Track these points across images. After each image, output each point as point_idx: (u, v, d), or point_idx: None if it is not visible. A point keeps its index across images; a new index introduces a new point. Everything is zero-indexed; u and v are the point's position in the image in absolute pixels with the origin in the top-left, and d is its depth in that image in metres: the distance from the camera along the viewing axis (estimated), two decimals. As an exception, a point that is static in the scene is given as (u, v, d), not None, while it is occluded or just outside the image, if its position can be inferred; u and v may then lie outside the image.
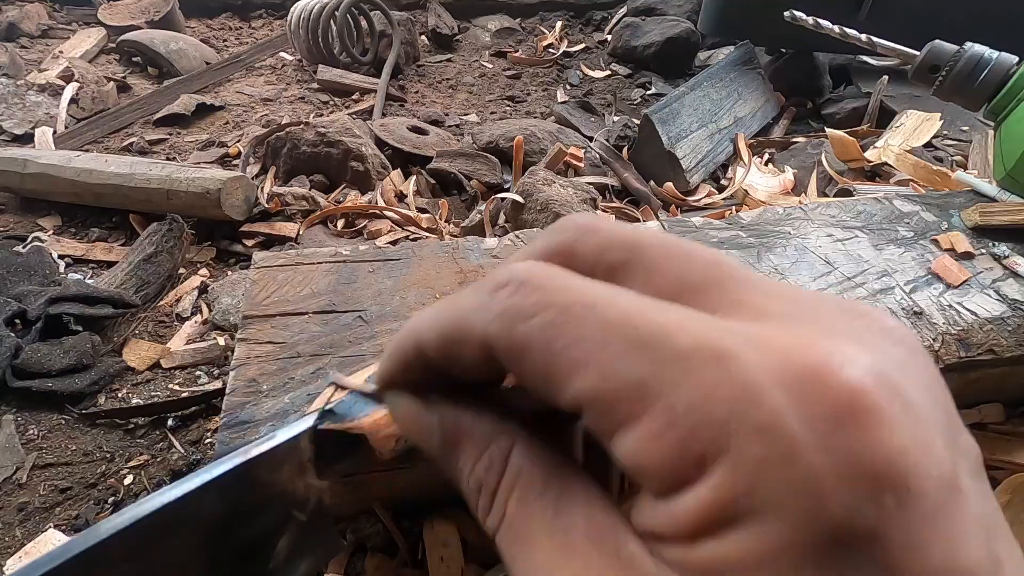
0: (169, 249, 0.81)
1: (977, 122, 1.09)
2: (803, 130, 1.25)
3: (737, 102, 1.17)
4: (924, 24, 1.07)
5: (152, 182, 0.89)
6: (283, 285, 0.46)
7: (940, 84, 0.59)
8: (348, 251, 0.50)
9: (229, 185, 0.87)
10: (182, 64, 1.51)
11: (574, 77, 1.58)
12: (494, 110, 1.41)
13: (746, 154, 1.07)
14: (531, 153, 1.04)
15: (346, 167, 1.01)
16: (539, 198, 0.82)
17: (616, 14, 1.91)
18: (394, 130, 1.14)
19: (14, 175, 0.95)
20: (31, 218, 0.96)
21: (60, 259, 0.86)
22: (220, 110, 1.33)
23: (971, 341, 0.46)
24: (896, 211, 0.59)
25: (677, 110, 1.06)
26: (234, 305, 0.76)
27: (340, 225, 0.92)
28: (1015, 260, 0.52)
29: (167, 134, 1.24)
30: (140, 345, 0.71)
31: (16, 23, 1.66)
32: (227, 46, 1.76)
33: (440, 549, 0.45)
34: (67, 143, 1.18)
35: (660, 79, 1.53)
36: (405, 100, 1.43)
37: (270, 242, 0.90)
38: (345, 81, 1.44)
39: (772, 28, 1.05)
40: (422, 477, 0.42)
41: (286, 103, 1.39)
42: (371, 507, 0.45)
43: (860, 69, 1.40)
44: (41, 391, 0.63)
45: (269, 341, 0.42)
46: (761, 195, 0.97)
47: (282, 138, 1.06)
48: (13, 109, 1.25)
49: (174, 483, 0.22)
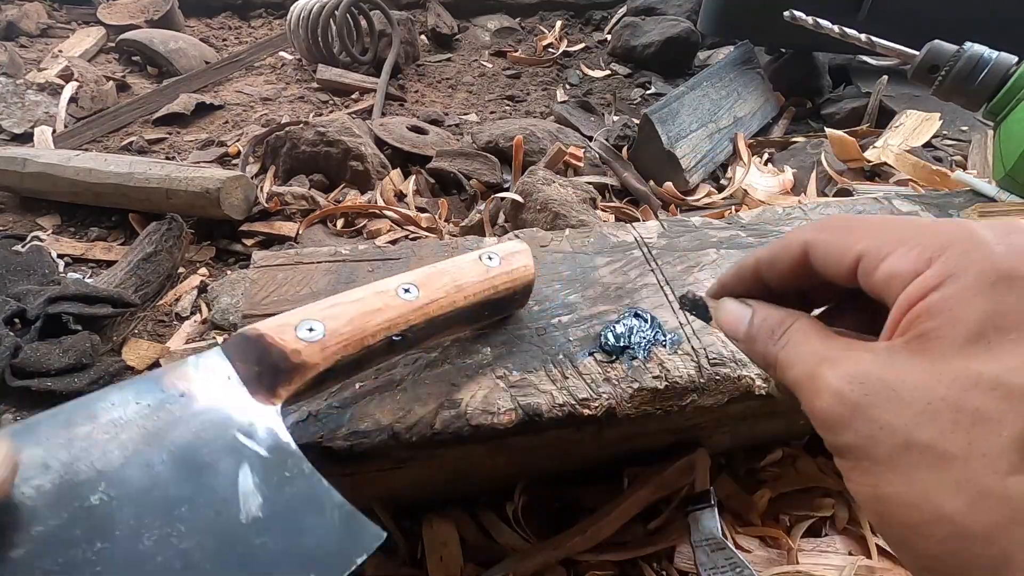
0: (168, 248, 0.81)
1: (976, 122, 1.10)
2: (803, 130, 1.25)
3: (737, 102, 1.17)
4: (923, 24, 1.07)
5: (151, 181, 0.89)
6: (282, 284, 0.46)
7: (939, 84, 0.59)
8: (347, 251, 0.50)
9: (228, 184, 0.87)
10: (181, 63, 1.50)
11: (574, 77, 1.58)
12: (494, 109, 1.41)
13: (746, 154, 1.07)
14: (531, 153, 1.04)
15: (345, 166, 1.01)
16: (538, 198, 0.82)
17: (616, 14, 1.91)
18: (394, 129, 1.14)
19: (13, 174, 0.95)
20: (30, 217, 0.96)
21: (59, 258, 0.86)
22: (219, 109, 1.33)
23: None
24: (895, 211, 0.59)
25: (677, 110, 1.06)
26: (233, 304, 0.76)
27: (339, 224, 0.92)
28: (1014, 260, 0.52)
29: (166, 133, 1.24)
30: (139, 344, 0.71)
31: (15, 22, 1.66)
32: (227, 45, 1.76)
33: (439, 548, 0.45)
34: (66, 142, 1.17)
35: (660, 79, 1.53)
36: (405, 99, 1.43)
37: (269, 241, 0.90)
38: (345, 80, 1.44)
39: (772, 28, 1.05)
40: (422, 476, 0.42)
41: (286, 102, 1.39)
42: (371, 506, 0.45)
43: (860, 69, 1.40)
44: (40, 390, 0.62)
45: (268, 340, 0.42)
46: (760, 195, 0.97)
47: (281, 137, 1.05)
48: (12, 108, 1.25)
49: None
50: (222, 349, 0.29)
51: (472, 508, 0.48)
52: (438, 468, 0.42)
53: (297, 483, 0.26)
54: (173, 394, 0.27)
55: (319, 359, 0.30)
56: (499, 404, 0.38)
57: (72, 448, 0.23)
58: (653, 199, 0.98)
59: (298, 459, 0.27)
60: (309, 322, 0.30)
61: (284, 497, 0.25)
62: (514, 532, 0.46)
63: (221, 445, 0.25)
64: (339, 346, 0.31)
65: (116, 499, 0.23)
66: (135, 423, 0.25)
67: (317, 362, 0.30)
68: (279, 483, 0.25)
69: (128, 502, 0.23)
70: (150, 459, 0.24)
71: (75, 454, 0.23)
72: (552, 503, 0.49)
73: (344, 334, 0.31)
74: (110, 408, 0.25)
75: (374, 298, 0.33)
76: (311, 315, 0.31)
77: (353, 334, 0.31)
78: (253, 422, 0.27)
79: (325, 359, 0.30)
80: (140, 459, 0.24)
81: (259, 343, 0.29)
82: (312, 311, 0.31)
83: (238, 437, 0.26)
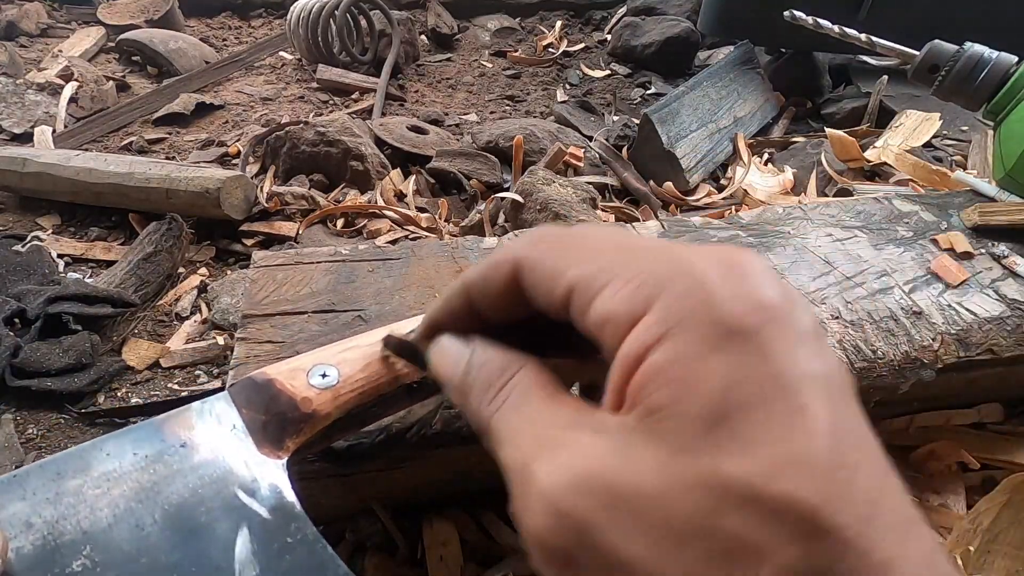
0: (168, 248, 0.81)
1: (976, 122, 1.09)
2: (803, 130, 1.25)
3: (737, 102, 1.17)
4: (924, 24, 1.07)
5: (151, 181, 0.89)
6: (282, 284, 0.46)
7: (939, 84, 0.59)
8: (347, 250, 0.50)
9: (228, 184, 0.87)
10: (181, 63, 1.50)
11: (574, 77, 1.58)
12: (494, 109, 1.41)
13: (746, 154, 1.07)
14: (531, 153, 1.03)
15: (345, 166, 1.01)
16: (539, 198, 0.82)
17: (616, 14, 1.91)
18: (394, 129, 1.14)
19: (13, 174, 0.95)
20: (30, 217, 0.96)
21: (59, 258, 0.86)
22: (219, 109, 1.33)
23: (970, 341, 0.46)
24: (895, 211, 0.59)
25: (676, 110, 1.06)
26: (233, 304, 0.76)
27: (339, 224, 0.92)
28: (1014, 260, 0.52)
29: (166, 133, 1.24)
30: (139, 344, 0.71)
31: (15, 22, 1.66)
32: (227, 45, 1.76)
33: (439, 548, 0.45)
34: (66, 142, 1.17)
35: (660, 79, 1.53)
36: (405, 99, 1.43)
37: (269, 241, 0.90)
38: (345, 80, 1.44)
39: (771, 28, 1.05)
40: (422, 476, 0.42)
41: (286, 102, 1.38)
42: (370, 506, 0.45)
43: (860, 69, 1.40)
44: (40, 390, 0.62)
45: (268, 340, 0.42)
46: (760, 195, 0.97)
47: (281, 137, 1.05)
48: (12, 108, 1.25)
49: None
50: (229, 394, 0.28)
51: (472, 508, 0.48)
52: (438, 468, 0.42)
53: (299, 551, 0.23)
54: (173, 444, 0.25)
55: (331, 408, 0.28)
56: (499, 404, 0.38)
57: (59, 504, 0.22)
58: (653, 199, 0.98)
59: (302, 522, 0.24)
60: (323, 367, 0.28)
61: (284, 566, 0.23)
62: (514, 532, 0.46)
63: (220, 504, 0.24)
64: (353, 394, 0.28)
65: (100, 565, 0.21)
66: (130, 476, 0.23)
67: (329, 411, 0.28)
68: (279, 550, 0.23)
69: (112, 568, 0.21)
70: (142, 519, 0.22)
71: (62, 511, 0.22)
72: (552, 503, 0.49)
73: (359, 380, 0.28)
74: (105, 459, 0.24)
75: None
76: (325, 359, 0.29)
77: (368, 380, 0.29)
78: (256, 478, 0.25)
79: (338, 407, 0.28)
80: (131, 519, 0.22)
81: (267, 389, 0.27)
82: (326, 355, 0.29)
83: (239, 495, 0.24)
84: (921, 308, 0.47)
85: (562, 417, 0.17)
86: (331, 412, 0.27)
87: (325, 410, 0.27)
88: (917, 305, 0.47)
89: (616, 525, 0.14)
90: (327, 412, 0.27)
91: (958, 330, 0.46)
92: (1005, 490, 0.45)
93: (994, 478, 0.48)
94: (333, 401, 0.28)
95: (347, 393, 0.28)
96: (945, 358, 0.45)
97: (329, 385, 0.28)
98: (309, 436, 0.27)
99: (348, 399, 0.28)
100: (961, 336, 0.46)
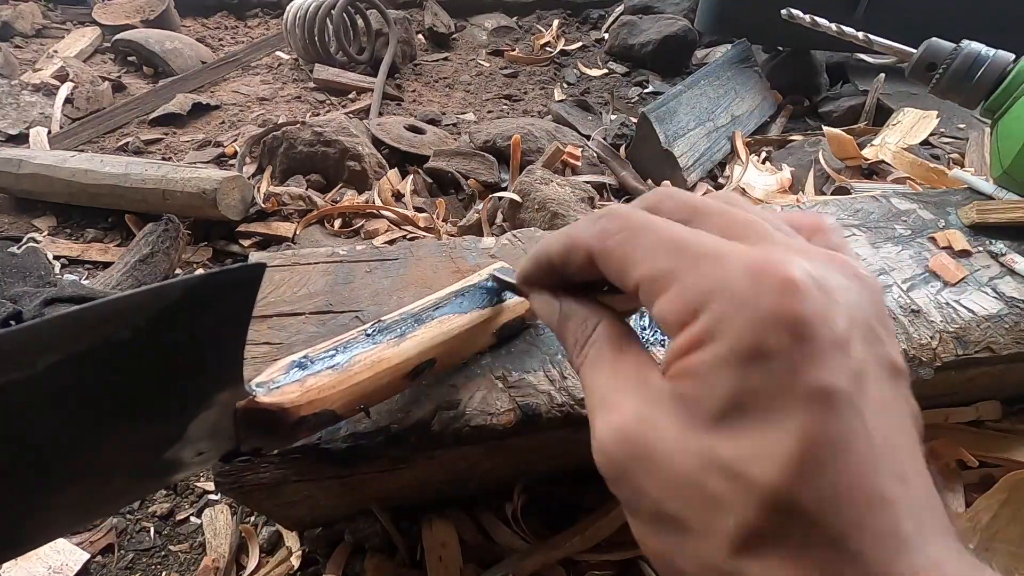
0: (165, 250, 0.81)
1: (974, 120, 1.10)
2: (800, 128, 1.25)
3: (734, 100, 1.17)
4: (921, 22, 1.07)
5: (148, 182, 0.89)
6: (279, 285, 0.46)
7: (937, 82, 0.59)
8: (345, 251, 0.50)
9: (225, 185, 0.87)
10: (177, 63, 1.50)
11: (571, 75, 1.58)
12: (491, 109, 1.40)
13: (743, 152, 1.07)
14: (528, 152, 1.03)
15: (343, 166, 1.01)
16: (536, 197, 0.82)
17: (613, 12, 1.91)
18: (391, 129, 1.14)
19: (9, 175, 0.94)
20: (26, 219, 0.96)
21: (55, 260, 0.85)
22: (216, 110, 1.33)
23: (968, 339, 0.46)
24: (893, 209, 0.59)
25: (674, 108, 1.06)
26: (231, 305, 0.75)
27: (337, 225, 0.92)
28: (1012, 257, 0.52)
29: (163, 134, 1.24)
30: (136, 346, 0.71)
31: (10, 22, 1.65)
32: (223, 45, 1.75)
33: (439, 549, 0.44)
34: (62, 143, 1.17)
35: (657, 77, 1.53)
36: (402, 99, 1.43)
37: (267, 242, 0.90)
38: (342, 80, 1.44)
39: (769, 26, 1.05)
40: (421, 478, 0.42)
41: (282, 102, 1.38)
42: (369, 508, 0.45)
43: (857, 67, 1.40)
44: (37, 393, 0.62)
45: (266, 342, 0.42)
46: (759, 193, 0.97)
47: (278, 137, 1.05)
48: (7, 109, 1.24)
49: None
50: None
51: (471, 509, 0.48)
52: (437, 469, 0.41)
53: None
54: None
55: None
56: (498, 405, 0.38)
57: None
58: (651, 198, 0.98)
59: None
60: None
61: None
62: (513, 532, 0.46)
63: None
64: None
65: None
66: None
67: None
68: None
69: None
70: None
71: None
72: (551, 503, 0.49)
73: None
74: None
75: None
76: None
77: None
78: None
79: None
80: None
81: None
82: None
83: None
84: (919, 306, 0.47)
85: (621, 379, 0.22)
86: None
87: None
88: (915, 303, 0.47)
89: (639, 469, 0.19)
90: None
91: (956, 328, 0.46)
92: (1004, 488, 0.45)
93: (992, 476, 0.48)
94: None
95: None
96: (943, 356, 0.45)
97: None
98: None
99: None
100: (959, 334, 0.46)
